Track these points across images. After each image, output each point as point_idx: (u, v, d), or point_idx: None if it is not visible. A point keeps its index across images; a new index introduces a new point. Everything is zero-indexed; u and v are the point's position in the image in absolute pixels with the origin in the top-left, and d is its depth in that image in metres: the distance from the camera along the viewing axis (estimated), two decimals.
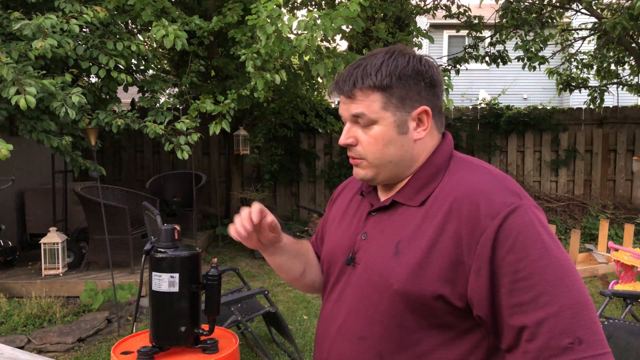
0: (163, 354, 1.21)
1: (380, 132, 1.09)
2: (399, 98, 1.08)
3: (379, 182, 1.15)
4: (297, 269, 1.32)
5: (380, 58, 1.09)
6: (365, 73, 1.08)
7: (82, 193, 5.22)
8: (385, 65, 1.07)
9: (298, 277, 1.34)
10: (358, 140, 1.11)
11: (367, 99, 1.08)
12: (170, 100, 5.44)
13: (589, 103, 8.63)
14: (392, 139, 1.09)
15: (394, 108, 1.08)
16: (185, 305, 1.20)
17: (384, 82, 1.06)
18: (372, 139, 1.09)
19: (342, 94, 1.11)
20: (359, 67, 1.09)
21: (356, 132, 1.11)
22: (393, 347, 1.07)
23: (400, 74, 1.07)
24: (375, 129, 1.09)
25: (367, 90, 1.07)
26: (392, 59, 1.08)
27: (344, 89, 1.10)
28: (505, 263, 0.97)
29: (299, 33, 4.55)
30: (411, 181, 1.12)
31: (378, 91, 1.07)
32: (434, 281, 1.01)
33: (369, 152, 1.10)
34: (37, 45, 3.86)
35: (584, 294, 0.96)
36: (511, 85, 11.63)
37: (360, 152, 1.11)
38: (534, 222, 0.99)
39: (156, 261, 1.19)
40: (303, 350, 3.91)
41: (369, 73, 1.07)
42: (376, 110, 1.08)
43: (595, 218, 7.84)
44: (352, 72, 1.10)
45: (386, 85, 1.07)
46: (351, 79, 1.09)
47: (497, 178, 1.07)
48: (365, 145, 1.10)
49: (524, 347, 0.96)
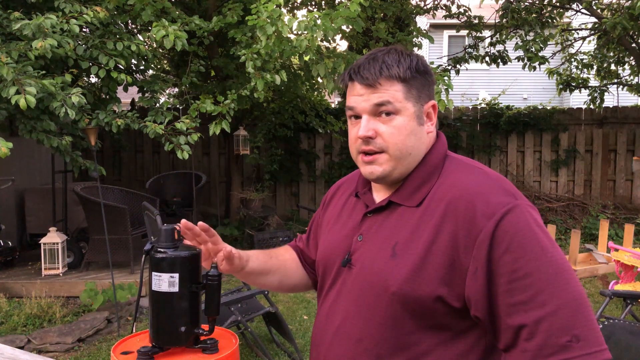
0: (163, 354, 1.21)
1: (403, 123, 1.09)
2: (416, 90, 1.10)
3: (393, 179, 1.13)
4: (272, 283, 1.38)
5: (395, 53, 1.11)
6: (387, 64, 1.09)
7: (82, 193, 5.22)
8: (404, 59, 1.10)
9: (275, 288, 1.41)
10: (377, 132, 1.10)
11: (392, 88, 1.08)
12: (170, 100, 5.44)
13: (589, 103, 8.62)
14: (413, 129, 1.10)
15: (414, 100, 1.10)
16: (185, 305, 1.20)
17: (406, 73, 1.09)
18: (394, 129, 1.09)
19: (363, 83, 1.10)
20: (376, 60, 1.10)
21: (375, 124, 1.10)
22: (391, 348, 1.07)
23: (416, 69, 1.10)
24: (398, 119, 1.09)
25: (392, 80, 1.08)
26: (404, 55, 1.11)
27: (368, 77, 1.09)
28: (502, 263, 0.97)
29: (299, 33, 4.55)
30: (407, 181, 1.13)
31: (400, 82, 1.09)
32: (432, 283, 1.02)
33: (391, 143, 1.10)
34: (37, 45, 3.86)
35: (580, 292, 0.97)
36: (511, 85, 11.62)
37: (380, 144, 1.10)
38: (529, 222, 1.00)
39: (156, 261, 1.18)
40: (303, 350, 3.91)
41: (391, 64, 1.09)
42: (400, 99, 1.09)
43: (595, 218, 7.83)
44: (372, 63, 1.10)
45: (407, 77, 1.09)
46: (375, 67, 1.09)
47: (492, 178, 1.07)
48: (386, 137, 1.09)
49: (522, 346, 0.96)
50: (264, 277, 1.34)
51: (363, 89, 1.10)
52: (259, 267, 1.32)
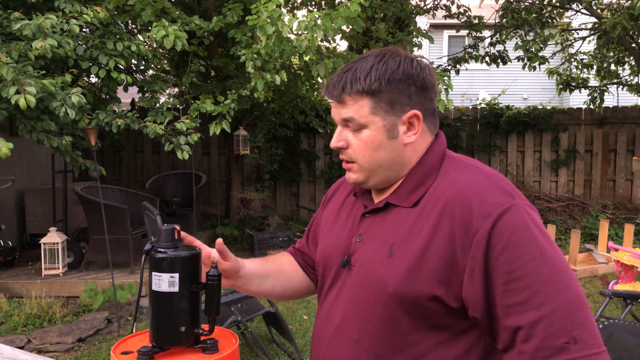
0: (163, 354, 1.21)
1: (370, 137, 1.09)
2: (388, 102, 1.07)
3: (371, 186, 1.15)
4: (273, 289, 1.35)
5: (370, 61, 1.08)
6: (355, 77, 1.07)
7: (82, 193, 5.22)
8: (375, 69, 1.06)
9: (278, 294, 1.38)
10: (349, 143, 1.11)
11: (356, 104, 1.07)
12: (170, 100, 5.44)
13: (589, 103, 8.62)
14: (381, 143, 1.09)
15: (384, 112, 1.07)
16: (185, 305, 1.19)
17: (373, 86, 1.06)
18: (362, 142, 1.09)
19: (332, 99, 1.11)
20: (349, 71, 1.09)
21: (347, 135, 1.11)
22: (389, 349, 1.06)
23: (390, 78, 1.06)
24: (365, 133, 1.09)
25: (355, 95, 1.07)
26: (382, 62, 1.07)
27: (334, 94, 1.10)
28: (499, 263, 0.96)
29: (299, 33, 4.55)
30: (404, 182, 1.12)
31: (367, 96, 1.07)
32: (429, 282, 1.01)
33: (360, 156, 1.10)
34: (37, 45, 3.86)
35: (578, 293, 0.96)
36: (511, 85, 11.62)
37: (351, 155, 1.12)
38: (527, 221, 0.99)
39: (156, 261, 1.18)
40: (303, 350, 3.91)
41: (358, 77, 1.07)
42: (365, 114, 1.07)
43: (595, 218, 7.83)
44: (341, 77, 1.09)
45: (375, 89, 1.06)
46: (340, 83, 1.09)
47: (489, 177, 1.06)
48: (355, 149, 1.11)
49: (519, 348, 0.95)
50: (263, 281, 1.33)
51: (334, 102, 1.11)
52: (256, 269, 1.31)
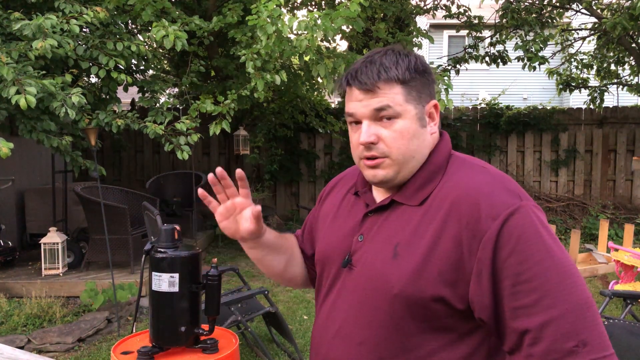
0: (163, 354, 1.21)
1: (405, 126, 1.06)
2: (417, 91, 1.07)
3: (397, 183, 1.10)
4: (278, 265, 1.29)
5: (392, 55, 1.08)
6: (385, 67, 1.06)
7: (82, 193, 5.22)
8: (402, 60, 1.07)
9: (278, 272, 1.31)
10: (379, 137, 1.07)
11: (391, 92, 1.05)
12: (170, 100, 5.44)
13: (589, 103, 8.63)
14: (416, 132, 1.07)
15: (415, 101, 1.07)
16: (185, 305, 1.20)
17: (405, 75, 1.06)
18: (397, 133, 1.06)
19: (361, 88, 1.07)
20: (374, 63, 1.07)
21: (377, 129, 1.07)
22: (393, 351, 1.04)
23: (416, 69, 1.07)
24: (400, 123, 1.06)
25: (391, 82, 1.05)
26: (402, 55, 1.08)
27: (366, 82, 1.06)
28: (507, 265, 0.95)
29: (299, 33, 4.55)
30: (411, 181, 1.10)
31: (399, 84, 1.06)
32: (434, 284, 1.00)
33: (394, 148, 1.07)
34: (37, 46, 3.86)
35: (586, 295, 0.95)
36: (511, 85, 11.62)
37: (383, 149, 1.07)
38: (535, 223, 0.98)
39: (156, 261, 1.18)
40: (303, 350, 3.91)
41: (389, 67, 1.06)
42: (400, 102, 1.06)
43: (595, 218, 7.83)
44: (370, 66, 1.07)
45: (407, 78, 1.06)
46: (373, 70, 1.06)
47: (496, 178, 1.05)
48: (389, 142, 1.06)
49: (527, 351, 0.94)
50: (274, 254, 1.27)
51: (362, 94, 1.07)
52: (273, 240, 1.25)
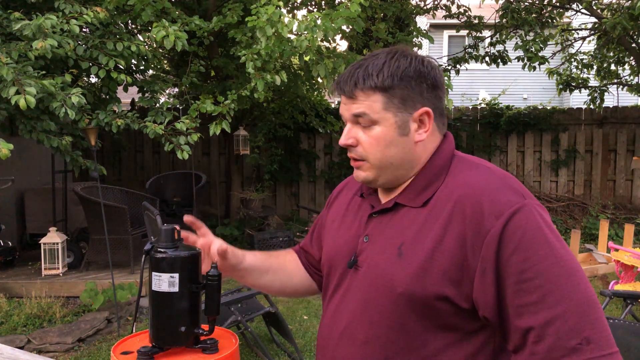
0: (163, 354, 1.21)
1: (381, 133, 1.07)
2: (400, 99, 1.06)
3: (380, 185, 1.14)
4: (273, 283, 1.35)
5: (382, 58, 1.08)
6: (367, 73, 1.06)
7: (82, 193, 5.23)
8: (387, 66, 1.06)
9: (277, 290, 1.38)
10: (359, 141, 1.10)
11: (369, 99, 1.06)
12: (170, 100, 5.44)
13: (589, 103, 8.62)
14: (393, 140, 1.08)
15: (395, 109, 1.07)
16: (185, 305, 1.19)
17: (386, 82, 1.05)
18: (373, 139, 1.08)
19: (343, 94, 1.10)
20: (361, 68, 1.08)
21: (357, 132, 1.10)
22: (398, 350, 1.05)
23: (402, 75, 1.06)
24: (377, 129, 1.07)
25: (368, 91, 1.06)
26: (394, 59, 1.07)
27: (345, 89, 1.09)
28: (511, 263, 0.96)
29: (299, 34, 4.55)
30: (413, 182, 1.11)
31: (379, 92, 1.06)
32: (439, 282, 1.00)
33: (370, 153, 1.09)
34: (37, 46, 3.86)
35: (590, 293, 0.95)
36: (511, 85, 11.63)
37: (361, 153, 1.10)
38: (538, 221, 0.98)
39: (156, 261, 1.18)
40: (303, 350, 3.91)
41: (370, 73, 1.06)
42: (377, 110, 1.06)
43: (595, 218, 7.84)
44: (353, 72, 1.09)
45: (388, 85, 1.06)
46: (352, 79, 1.08)
47: (499, 177, 1.06)
48: (366, 146, 1.09)
49: (531, 349, 0.95)
50: (263, 276, 1.32)
51: (344, 98, 1.10)
52: (255, 263, 1.30)
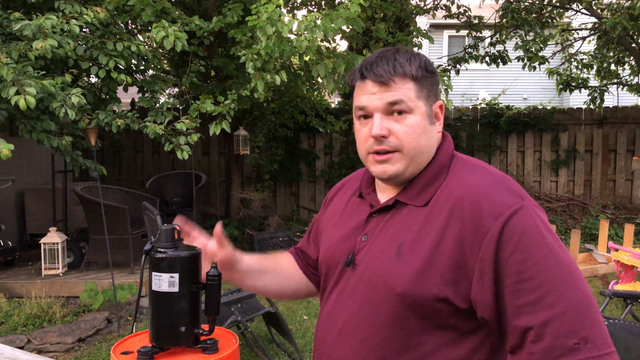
0: (163, 354, 1.21)
1: (416, 121, 1.08)
2: (427, 90, 1.10)
3: (403, 179, 1.12)
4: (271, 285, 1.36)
5: (405, 52, 1.11)
6: (400, 62, 1.08)
7: (82, 193, 5.23)
8: (414, 58, 1.10)
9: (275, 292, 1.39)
10: (391, 131, 1.08)
11: (404, 87, 1.08)
12: (170, 100, 5.44)
13: (589, 103, 8.62)
14: (425, 128, 1.10)
15: (425, 99, 1.10)
16: (185, 305, 1.20)
17: (418, 72, 1.09)
18: (408, 128, 1.08)
19: (377, 80, 1.08)
20: (388, 58, 1.09)
21: (389, 123, 1.08)
22: (395, 349, 1.06)
23: (426, 68, 1.10)
24: (411, 118, 1.08)
25: (405, 78, 1.08)
26: (414, 55, 1.11)
27: (382, 75, 1.08)
28: (509, 264, 0.97)
29: (299, 34, 4.55)
30: (415, 181, 1.12)
31: (412, 80, 1.08)
32: (437, 283, 1.01)
33: (405, 142, 1.08)
34: (37, 46, 3.86)
35: (587, 293, 0.96)
36: (511, 85, 11.63)
37: (394, 143, 1.08)
38: (536, 222, 0.99)
39: (156, 261, 1.18)
40: (303, 350, 3.91)
41: (403, 63, 1.08)
42: (412, 98, 1.08)
43: (595, 218, 7.84)
44: (384, 61, 1.09)
45: (419, 75, 1.09)
46: (389, 64, 1.08)
47: (498, 178, 1.07)
48: (400, 135, 1.08)
49: (529, 349, 0.95)
50: (260, 277, 1.33)
51: (375, 86, 1.08)
52: (252, 265, 1.31)
